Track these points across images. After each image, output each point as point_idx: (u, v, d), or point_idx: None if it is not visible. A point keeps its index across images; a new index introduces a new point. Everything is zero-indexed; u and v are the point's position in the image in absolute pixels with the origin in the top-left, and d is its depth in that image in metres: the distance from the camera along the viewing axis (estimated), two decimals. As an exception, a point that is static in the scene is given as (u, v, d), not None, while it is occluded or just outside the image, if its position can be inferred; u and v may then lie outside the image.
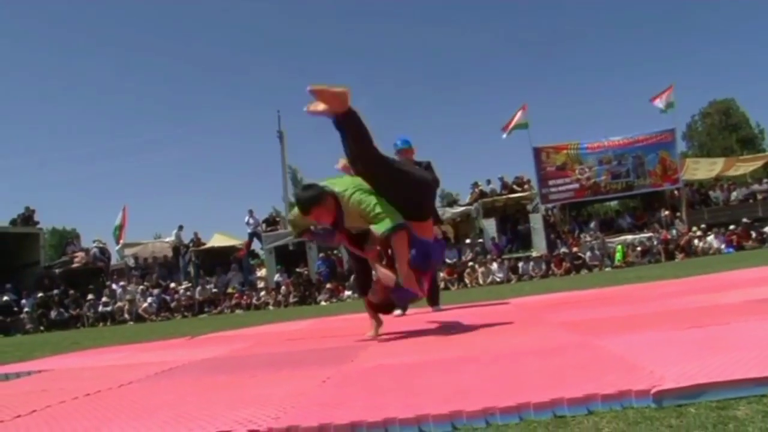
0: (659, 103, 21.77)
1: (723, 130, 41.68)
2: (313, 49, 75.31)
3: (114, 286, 20.86)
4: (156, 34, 77.35)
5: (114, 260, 23.50)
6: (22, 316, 18.88)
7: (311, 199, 3.54)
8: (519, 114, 22.67)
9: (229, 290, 20.65)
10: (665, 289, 5.60)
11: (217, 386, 2.50)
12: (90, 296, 19.96)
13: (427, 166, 5.38)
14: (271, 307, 18.81)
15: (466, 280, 18.98)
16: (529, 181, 23.07)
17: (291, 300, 19.16)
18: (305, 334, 4.99)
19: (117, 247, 22.73)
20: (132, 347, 5.53)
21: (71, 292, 20.34)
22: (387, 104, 70.00)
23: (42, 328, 18.50)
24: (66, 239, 29.35)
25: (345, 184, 3.60)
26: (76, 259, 22.26)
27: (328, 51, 75.08)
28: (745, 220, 19.92)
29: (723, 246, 19.20)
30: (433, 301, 5.94)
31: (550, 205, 22.99)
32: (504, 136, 22.97)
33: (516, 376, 1.98)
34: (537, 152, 22.54)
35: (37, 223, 22.60)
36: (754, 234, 19.49)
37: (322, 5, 75.82)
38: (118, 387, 2.68)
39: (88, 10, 76.04)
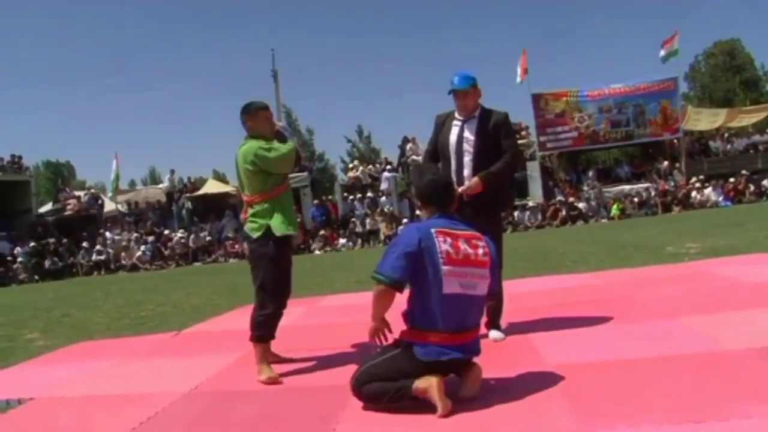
0: (662, 51, 21.35)
1: (726, 71, 40.69)
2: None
3: (108, 234, 20.77)
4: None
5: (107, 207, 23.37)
6: (16, 266, 18.85)
7: None
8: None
9: (227, 234, 20.39)
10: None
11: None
12: (84, 244, 19.91)
13: (506, 119, 4.04)
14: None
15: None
16: (527, 128, 22.72)
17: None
18: (293, 341, 4.37)
19: (110, 194, 22.54)
20: (117, 348, 5.22)
21: (64, 240, 20.28)
22: (369, 44, 68.02)
23: (36, 277, 18.50)
24: (58, 187, 29.01)
25: None
26: (69, 207, 22.10)
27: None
28: (744, 172, 19.75)
29: (721, 199, 19.10)
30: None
31: (547, 153, 22.73)
32: (518, 81, 22.89)
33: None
34: (535, 99, 22.17)
35: (27, 168, 22.31)
36: (752, 187, 19.34)
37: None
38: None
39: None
